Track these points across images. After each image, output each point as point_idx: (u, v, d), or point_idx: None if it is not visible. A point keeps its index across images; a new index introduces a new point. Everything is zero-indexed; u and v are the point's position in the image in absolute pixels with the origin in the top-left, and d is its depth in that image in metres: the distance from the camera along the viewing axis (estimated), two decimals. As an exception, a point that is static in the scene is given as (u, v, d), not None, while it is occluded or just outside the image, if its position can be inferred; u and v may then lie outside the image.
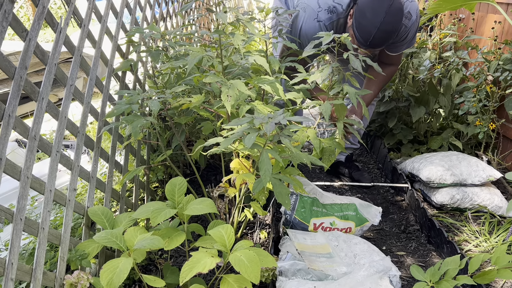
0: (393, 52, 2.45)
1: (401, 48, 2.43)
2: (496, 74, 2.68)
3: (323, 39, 1.83)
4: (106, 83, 1.95)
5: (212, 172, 2.81)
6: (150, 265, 2.01)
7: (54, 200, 1.49)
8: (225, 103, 1.58)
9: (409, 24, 2.28)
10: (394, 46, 2.40)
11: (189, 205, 1.60)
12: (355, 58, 1.78)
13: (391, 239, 2.31)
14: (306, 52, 1.95)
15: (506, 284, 1.89)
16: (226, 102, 1.58)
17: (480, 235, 2.21)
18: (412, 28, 2.32)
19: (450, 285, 1.30)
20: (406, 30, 2.30)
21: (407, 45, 2.42)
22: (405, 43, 2.40)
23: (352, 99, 1.84)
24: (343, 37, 1.81)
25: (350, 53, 1.80)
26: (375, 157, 3.29)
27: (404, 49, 2.45)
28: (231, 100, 1.58)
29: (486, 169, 2.46)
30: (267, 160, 1.45)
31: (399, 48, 2.43)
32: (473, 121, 2.82)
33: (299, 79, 1.92)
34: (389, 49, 2.44)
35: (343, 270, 1.52)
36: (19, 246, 1.26)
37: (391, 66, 2.53)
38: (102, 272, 1.33)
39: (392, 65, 2.54)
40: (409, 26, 2.29)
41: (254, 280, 1.33)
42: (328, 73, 1.83)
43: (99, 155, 1.86)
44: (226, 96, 1.59)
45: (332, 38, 1.82)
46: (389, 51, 2.45)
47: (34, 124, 1.39)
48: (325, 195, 2.07)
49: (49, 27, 1.52)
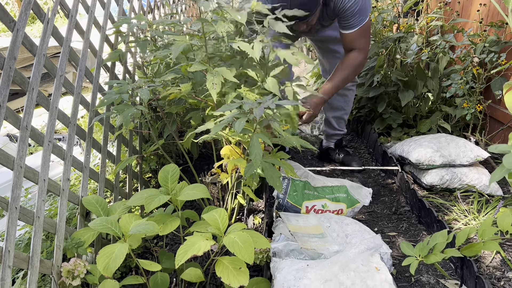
0: (347, 29, 2.31)
1: (350, 24, 2.28)
2: (482, 56, 2.72)
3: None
4: (95, 74, 1.95)
5: (205, 162, 2.83)
6: (146, 253, 2.04)
7: (48, 190, 1.50)
8: (210, 91, 1.59)
9: None
10: (341, 21, 2.29)
11: (182, 191, 1.63)
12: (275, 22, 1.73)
13: (383, 221, 2.35)
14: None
15: (494, 260, 1.94)
16: (211, 90, 1.59)
17: (469, 213, 2.26)
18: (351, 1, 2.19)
19: (438, 258, 1.34)
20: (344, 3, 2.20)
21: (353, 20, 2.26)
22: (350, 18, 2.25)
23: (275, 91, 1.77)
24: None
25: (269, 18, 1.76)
26: (366, 142, 3.33)
27: (356, 26, 2.28)
28: (217, 88, 1.59)
29: (474, 150, 2.51)
30: (257, 144, 1.47)
31: (347, 24, 2.29)
32: (460, 103, 2.86)
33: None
34: (340, 26, 2.32)
35: (335, 249, 1.56)
36: (15, 234, 1.27)
37: (353, 52, 2.39)
38: (99, 258, 1.35)
39: (355, 51, 2.38)
40: None
41: (248, 261, 1.35)
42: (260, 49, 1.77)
43: (92, 146, 1.88)
44: (211, 84, 1.60)
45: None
46: (341, 28, 2.33)
47: (25, 115, 1.40)
48: (316, 178, 2.10)
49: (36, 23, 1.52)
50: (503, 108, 2.77)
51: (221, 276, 1.38)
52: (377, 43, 3.21)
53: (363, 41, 2.35)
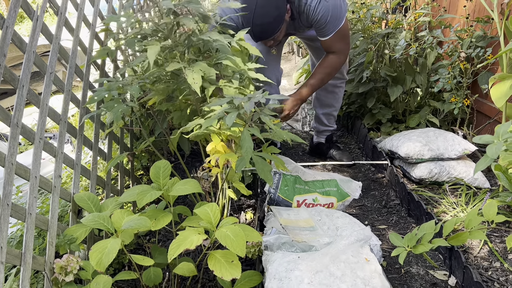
0: (322, 36, 2.36)
1: (325, 31, 2.32)
2: (469, 51, 2.76)
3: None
4: (86, 71, 1.96)
5: (196, 159, 2.84)
6: (139, 249, 2.05)
7: (40, 187, 1.50)
8: (193, 86, 1.60)
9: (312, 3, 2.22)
10: (317, 30, 2.35)
11: (174, 186, 1.64)
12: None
13: (373, 214, 2.38)
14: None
15: (482, 250, 1.98)
16: (193, 85, 1.60)
17: (457, 206, 2.29)
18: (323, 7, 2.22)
19: (426, 248, 1.37)
20: (315, 11, 2.24)
21: (328, 27, 2.30)
22: (324, 26, 2.30)
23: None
24: None
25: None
26: (356, 138, 3.36)
27: (331, 32, 2.32)
28: (198, 82, 1.60)
29: (462, 143, 2.55)
30: (248, 138, 1.49)
31: (323, 32, 2.33)
32: (448, 98, 2.90)
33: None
34: (317, 33, 2.38)
35: (325, 241, 1.58)
36: (7, 231, 1.28)
37: (331, 55, 2.45)
38: (91, 253, 1.36)
39: (333, 54, 2.44)
40: (313, 5, 2.22)
41: (240, 254, 1.37)
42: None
43: (83, 143, 1.88)
44: (192, 79, 1.61)
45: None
46: (319, 35, 2.38)
47: (16, 111, 1.40)
48: (307, 172, 2.13)
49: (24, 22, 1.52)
50: (490, 102, 2.82)
51: (214, 269, 1.40)
52: (366, 39, 3.24)
53: (340, 44, 2.41)
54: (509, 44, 2.07)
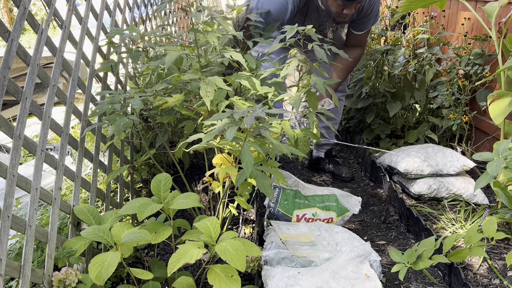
0: (359, 30, 2.53)
1: (367, 25, 2.51)
2: (467, 68, 2.79)
3: (287, 32, 1.86)
4: (88, 84, 1.97)
5: (195, 172, 2.84)
6: (137, 263, 2.04)
7: (40, 198, 1.50)
8: (204, 99, 1.61)
9: None
10: (360, 23, 2.49)
11: (175, 200, 1.64)
12: (319, 48, 1.82)
13: (372, 230, 2.38)
14: (272, 48, 1.97)
15: (481, 267, 1.97)
16: (205, 98, 1.62)
17: (456, 222, 2.30)
18: (376, 1, 2.41)
19: (426, 264, 1.37)
20: (371, 4, 2.38)
21: (372, 21, 2.49)
22: (371, 19, 2.47)
23: (320, 89, 1.86)
24: (307, 28, 1.85)
25: (315, 43, 1.83)
26: (355, 152, 3.37)
27: (370, 25, 2.53)
28: (210, 96, 1.62)
29: (461, 159, 2.56)
30: (248, 152, 1.50)
31: (365, 25, 2.51)
32: (447, 114, 2.93)
33: (268, 73, 1.95)
34: (355, 27, 2.53)
35: (325, 256, 1.58)
36: (7, 243, 1.27)
37: (357, 49, 2.62)
38: (91, 266, 1.36)
39: (358, 47, 2.63)
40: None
41: (240, 268, 1.37)
42: (294, 67, 1.86)
43: (83, 155, 1.88)
44: (205, 92, 1.63)
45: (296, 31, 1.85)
46: (355, 30, 2.53)
47: (18, 124, 1.40)
48: (307, 187, 2.13)
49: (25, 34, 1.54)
50: (488, 119, 2.84)
51: (213, 284, 1.39)
52: (365, 55, 3.28)
53: (366, 38, 2.68)
54: (507, 62, 2.10)
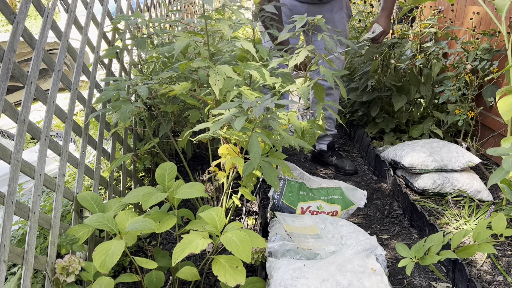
0: None
1: None
2: (474, 63, 2.76)
3: (296, 22, 1.83)
4: (93, 70, 1.94)
5: (198, 162, 2.82)
6: (139, 252, 2.03)
7: (44, 185, 1.48)
8: (213, 87, 1.59)
9: None
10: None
11: (179, 189, 1.62)
12: (329, 39, 1.79)
13: (375, 224, 2.37)
14: (281, 37, 1.94)
15: (485, 264, 1.96)
16: (214, 87, 1.60)
17: (460, 218, 2.28)
18: None
19: (434, 259, 1.35)
20: None
21: None
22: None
23: (329, 80, 1.82)
24: (316, 19, 1.82)
25: (325, 34, 1.80)
26: (358, 146, 3.35)
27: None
28: (219, 84, 1.60)
29: (466, 155, 2.54)
30: (256, 143, 1.48)
31: None
32: (452, 109, 2.90)
33: (275, 64, 1.91)
34: None
35: (331, 249, 1.56)
36: (11, 229, 1.26)
37: None
38: (95, 254, 1.34)
39: None
40: None
41: (245, 259, 1.35)
42: (304, 56, 1.82)
43: (87, 142, 1.86)
44: (214, 81, 1.60)
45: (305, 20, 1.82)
46: None
47: (23, 108, 1.38)
48: (312, 179, 2.11)
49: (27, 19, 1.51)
50: (494, 115, 2.82)
51: (218, 274, 1.38)
52: (371, 48, 3.24)
53: None
54: (517, 58, 2.07)
